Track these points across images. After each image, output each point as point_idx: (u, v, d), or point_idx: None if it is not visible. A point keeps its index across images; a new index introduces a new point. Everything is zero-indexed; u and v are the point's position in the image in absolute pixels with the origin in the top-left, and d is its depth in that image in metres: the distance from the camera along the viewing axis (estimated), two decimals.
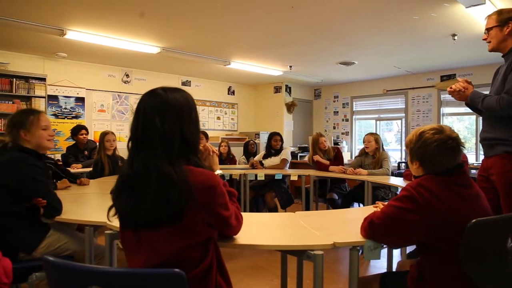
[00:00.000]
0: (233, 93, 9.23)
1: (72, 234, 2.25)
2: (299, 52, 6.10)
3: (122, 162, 4.08)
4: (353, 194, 4.69)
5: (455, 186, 1.46)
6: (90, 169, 4.79)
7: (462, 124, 7.67)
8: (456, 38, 4.96)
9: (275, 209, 4.96)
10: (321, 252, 1.44)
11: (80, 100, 6.76)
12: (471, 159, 6.70)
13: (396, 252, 3.48)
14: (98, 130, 6.94)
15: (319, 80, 8.51)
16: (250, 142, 5.97)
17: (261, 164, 5.26)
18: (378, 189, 4.23)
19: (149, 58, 6.27)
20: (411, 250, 3.06)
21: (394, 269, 2.49)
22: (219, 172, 1.55)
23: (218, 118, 8.91)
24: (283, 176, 4.97)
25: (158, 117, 1.22)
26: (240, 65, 6.88)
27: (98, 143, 4.35)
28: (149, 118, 1.23)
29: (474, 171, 5.07)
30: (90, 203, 2.68)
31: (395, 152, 8.19)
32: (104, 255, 1.94)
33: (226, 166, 5.40)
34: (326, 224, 1.88)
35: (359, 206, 4.65)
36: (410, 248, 3.04)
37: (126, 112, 7.47)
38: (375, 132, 4.94)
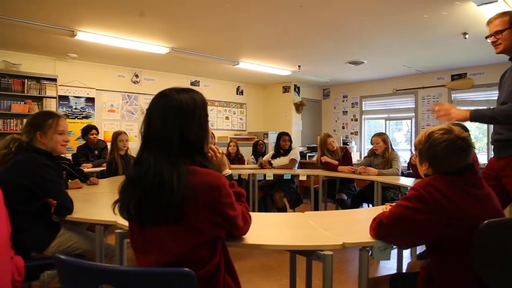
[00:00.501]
0: (241, 93, 9.24)
1: (82, 233, 2.28)
2: (308, 51, 6.09)
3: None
4: (362, 194, 4.66)
5: (465, 186, 1.44)
6: (101, 168, 4.84)
7: (473, 123, 7.56)
8: (467, 36, 4.90)
9: (283, 209, 4.96)
10: (330, 252, 1.43)
11: (90, 100, 6.83)
12: (482, 159, 6.61)
13: (406, 253, 3.45)
14: (108, 130, 7.01)
15: (328, 79, 8.47)
16: (259, 142, 5.97)
17: (270, 164, 5.26)
18: (388, 190, 4.20)
19: (158, 58, 6.31)
20: (421, 251, 3.03)
21: (404, 270, 2.47)
22: (228, 172, 1.55)
23: (227, 118, 8.93)
24: (292, 176, 4.97)
25: (160, 117, 1.26)
26: (249, 65, 6.88)
27: (110, 143, 4.37)
28: (152, 119, 1.27)
29: None
30: (101, 203, 2.71)
31: (405, 152, 8.11)
32: (114, 254, 1.96)
33: (234, 166, 5.41)
34: (335, 224, 1.88)
35: (369, 206, 4.62)
36: (420, 248, 3.01)
37: (136, 112, 7.52)
38: (382, 132, 4.89)
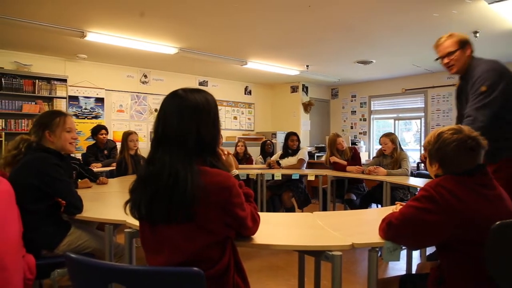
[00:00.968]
0: (249, 93, 9.24)
1: (92, 232, 2.30)
2: (316, 51, 6.07)
3: (144, 162, 4.12)
4: (371, 194, 4.63)
5: (476, 186, 1.43)
6: (110, 168, 4.88)
7: None
8: (478, 35, 4.84)
9: (292, 209, 4.95)
10: (339, 252, 1.42)
11: (100, 100, 6.89)
12: None
13: (416, 254, 3.42)
14: (117, 130, 7.06)
15: (336, 79, 8.44)
16: (267, 142, 5.97)
17: (278, 164, 5.26)
18: (397, 190, 4.16)
19: (167, 58, 6.34)
20: (431, 252, 3.00)
21: (413, 271, 2.45)
22: (234, 172, 1.56)
23: (235, 118, 8.94)
24: (300, 176, 4.95)
25: (176, 117, 1.26)
26: (257, 65, 6.88)
27: (121, 143, 4.40)
28: (168, 118, 1.27)
29: None
30: (110, 202, 2.73)
31: (414, 152, 8.05)
32: (124, 253, 1.97)
33: (243, 166, 5.41)
34: (344, 224, 1.87)
35: (378, 207, 4.59)
36: (430, 249, 2.98)
37: (144, 112, 7.57)
38: (391, 132, 4.85)
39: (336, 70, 7.60)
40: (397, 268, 3.43)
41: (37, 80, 6.00)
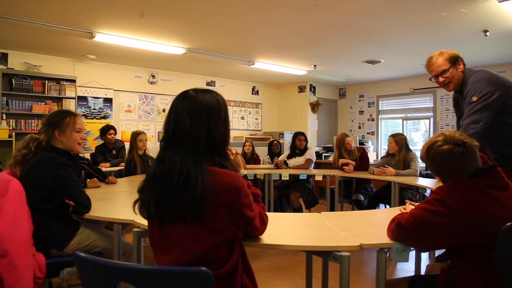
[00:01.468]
0: (257, 93, 9.24)
1: (101, 231, 2.31)
2: (324, 51, 6.05)
3: (152, 162, 4.15)
4: (379, 195, 4.60)
5: (488, 189, 1.40)
6: (118, 168, 4.91)
7: None
8: (488, 34, 4.79)
9: (299, 209, 4.94)
10: (347, 253, 1.42)
11: (108, 100, 6.95)
12: None
13: (425, 255, 3.39)
14: (125, 130, 7.11)
15: (344, 79, 8.41)
16: (274, 142, 5.95)
17: (285, 164, 5.25)
18: (405, 191, 4.13)
19: (175, 59, 6.37)
20: (440, 253, 2.97)
21: (422, 272, 2.43)
22: (243, 172, 1.56)
23: (242, 118, 8.95)
24: (307, 176, 4.94)
25: (187, 117, 1.26)
26: (264, 65, 6.88)
27: (129, 143, 4.42)
28: (179, 118, 1.27)
29: None
30: (119, 201, 2.75)
31: None
32: (132, 252, 1.98)
33: (250, 166, 5.41)
34: (352, 225, 1.86)
35: (385, 207, 4.56)
36: (439, 250, 2.96)
37: (152, 113, 7.61)
38: (399, 132, 4.83)
39: (344, 69, 7.57)
40: (406, 269, 3.40)
41: (46, 81, 6.06)
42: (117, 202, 2.72)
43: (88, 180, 3.35)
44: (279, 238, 1.55)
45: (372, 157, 7.39)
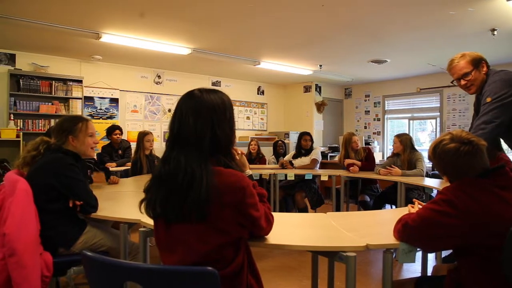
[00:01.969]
0: (262, 93, 9.24)
1: (107, 231, 2.33)
2: (330, 50, 6.03)
3: (158, 162, 4.16)
4: (385, 195, 4.58)
5: (496, 189, 1.39)
6: (124, 168, 4.94)
7: None
8: (495, 33, 4.74)
9: (305, 209, 4.93)
10: (353, 253, 1.41)
11: (114, 101, 6.98)
12: None
13: (431, 256, 3.37)
14: (131, 130, 7.15)
15: (349, 79, 8.37)
16: (279, 142, 5.95)
17: (291, 164, 5.24)
18: (412, 191, 4.11)
19: (180, 59, 6.39)
20: (447, 254, 2.95)
21: (429, 273, 2.41)
22: (248, 172, 1.55)
23: (248, 118, 8.95)
24: (313, 176, 4.93)
25: (192, 117, 1.26)
26: (270, 65, 6.88)
27: (136, 143, 4.43)
28: (184, 118, 1.27)
29: None
30: (125, 201, 2.76)
31: None
32: (138, 251, 1.99)
33: (256, 166, 5.41)
34: (358, 225, 1.85)
35: (391, 207, 4.54)
36: (446, 251, 2.94)
37: (158, 113, 7.64)
38: (405, 132, 4.82)
39: (350, 69, 7.54)
40: (412, 270, 3.38)
41: (53, 81, 6.11)
42: (123, 202, 2.73)
43: (94, 173, 3.37)
44: (284, 238, 1.55)
45: (378, 157, 7.36)
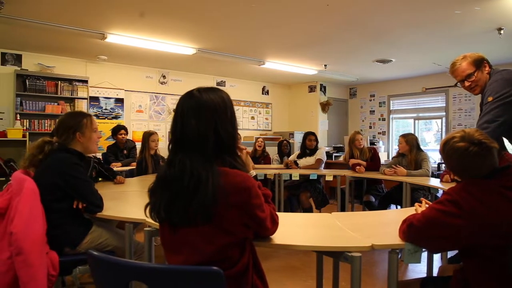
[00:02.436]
0: (267, 92, 9.24)
1: (112, 230, 2.34)
2: (334, 50, 6.02)
3: (163, 162, 4.18)
4: (390, 195, 4.56)
5: (502, 189, 1.37)
6: (129, 167, 4.95)
7: None
8: (502, 32, 4.71)
9: (309, 210, 4.92)
10: (359, 254, 1.41)
11: (120, 101, 7.02)
12: None
13: (437, 256, 3.35)
14: (136, 130, 7.18)
15: (354, 78, 8.35)
16: (284, 142, 5.94)
17: (295, 164, 5.23)
18: (417, 191, 4.09)
19: (185, 59, 6.40)
20: (453, 255, 2.93)
21: (434, 273, 2.40)
22: (252, 173, 1.55)
23: (252, 118, 8.95)
24: (318, 176, 4.92)
25: (193, 117, 1.25)
26: (275, 65, 6.88)
27: (141, 143, 4.44)
28: (186, 119, 1.26)
29: None
30: (130, 201, 2.77)
31: (434, 152, 7.88)
32: (143, 251, 2.00)
33: (261, 166, 5.40)
34: (363, 225, 1.85)
35: (397, 208, 4.52)
36: (451, 251, 2.92)
37: (163, 113, 7.66)
38: (410, 132, 4.80)
39: (355, 69, 7.52)
40: (417, 270, 3.37)
41: (59, 82, 6.15)
42: (128, 202, 2.74)
43: (100, 179, 3.39)
44: (289, 238, 1.55)
45: (383, 157, 7.34)
